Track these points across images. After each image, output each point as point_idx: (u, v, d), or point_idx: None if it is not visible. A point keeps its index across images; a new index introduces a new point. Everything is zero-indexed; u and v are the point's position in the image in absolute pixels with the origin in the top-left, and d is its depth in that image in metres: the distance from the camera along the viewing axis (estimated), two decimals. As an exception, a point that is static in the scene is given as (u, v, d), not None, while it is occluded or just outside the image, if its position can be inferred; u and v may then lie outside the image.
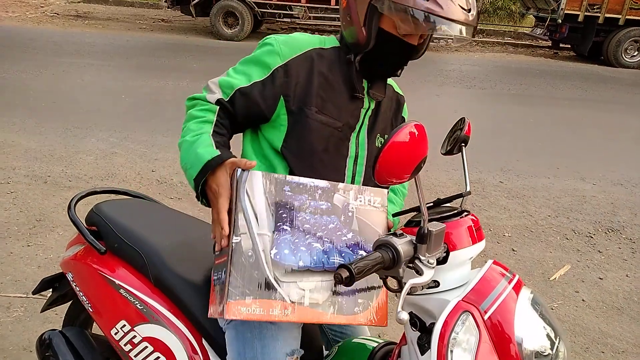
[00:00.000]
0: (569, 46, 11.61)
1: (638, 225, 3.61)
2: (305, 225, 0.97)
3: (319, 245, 0.97)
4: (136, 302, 1.27)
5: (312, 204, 0.98)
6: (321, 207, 0.98)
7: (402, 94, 1.39)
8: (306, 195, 0.97)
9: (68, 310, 1.67)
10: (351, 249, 1.00)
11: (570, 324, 2.51)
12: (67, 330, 1.52)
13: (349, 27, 1.16)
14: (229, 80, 1.14)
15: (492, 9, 15.16)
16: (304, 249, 0.96)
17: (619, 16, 9.88)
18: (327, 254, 0.97)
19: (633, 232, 3.51)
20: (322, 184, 0.99)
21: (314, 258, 0.96)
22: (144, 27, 10.64)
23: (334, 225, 0.99)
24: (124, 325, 1.27)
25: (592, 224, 3.59)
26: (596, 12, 9.95)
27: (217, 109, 1.12)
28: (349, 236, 1.00)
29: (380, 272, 0.94)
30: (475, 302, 0.93)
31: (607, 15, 9.90)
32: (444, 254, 0.95)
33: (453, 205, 1.10)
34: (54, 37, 8.51)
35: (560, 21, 10.26)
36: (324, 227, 0.98)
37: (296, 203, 0.96)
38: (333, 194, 1.00)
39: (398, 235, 0.91)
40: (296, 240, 0.96)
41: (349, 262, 0.84)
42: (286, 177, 0.97)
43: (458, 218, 1.00)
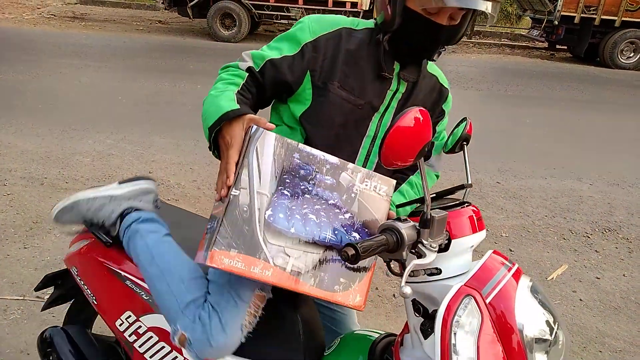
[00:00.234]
0: (566, 47, 11.66)
1: (634, 225, 3.63)
2: (306, 195, 0.97)
3: (314, 217, 0.97)
4: (142, 293, 1.27)
5: (317, 176, 0.98)
6: (326, 181, 0.98)
7: (447, 87, 1.36)
8: (314, 167, 0.97)
9: (69, 310, 1.67)
10: (345, 228, 1.00)
11: (568, 324, 2.52)
12: (68, 327, 1.52)
13: (380, 10, 1.18)
14: (261, 52, 1.19)
15: (488, 10, 15.20)
16: (298, 217, 0.96)
17: (615, 18, 9.93)
18: (320, 227, 0.98)
19: (630, 232, 3.52)
20: (333, 159, 0.99)
21: (307, 229, 0.97)
22: (141, 29, 10.64)
23: (333, 202, 0.99)
24: (129, 316, 1.27)
25: (589, 224, 3.61)
26: (592, 14, 10.00)
27: (247, 75, 1.16)
28: (346, 216, 1.00)
29: (384, 255, 0.96)
30: (477, 287, 0.96)
31: (603, 17, 9.95)
32: (446, 241, 0.98)
33: (455, 197, 1.13)
34: (50, 39, 8.50)
35: (556, 23, 10.32)
36: (324, 201, 0.98)
37: (302, 172, 0.96)
38: (341, 172, 0.99)
39: (402, 220, 0.94)
40: (293, 207, 0.96)
41: (355, 242, 0.85)
42: (299, 144, 0.97)
43: (460, 208, 1.03)
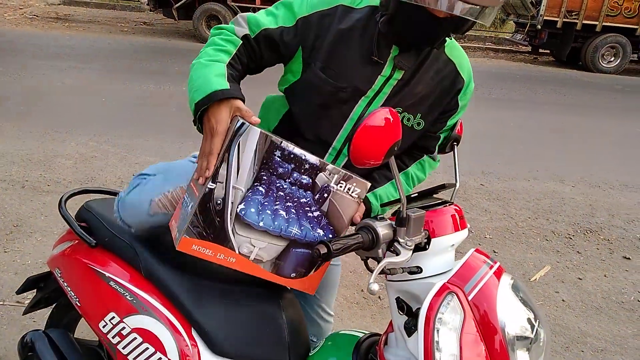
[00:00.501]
0: (549, 51, 11.84)
1: (615, 226, 3.69)
2: (279, 193, 1.00)
3: (284, 213, 1.01)
4: (126, 294, 1.25)
5: (294, 175, 1.00)
6: (302, 180, 1.00)
7: (464, 77, 1.26)
8: (293, 165, 0.99)
9: (51, 314, 1.64)
10: (311, 225, 1.04)
11: (550, 324, 2.54)
12: (50, 331, 1.48)
13: None
14: (258, 18, 1.16)
15: (473, 14, 15.36)
16: (269, 212, 1.00)
17: (596, 23, 10.11)
18: (288, 223, 1.02)
19: (610, 233, 3.58)
20: (313, 159, 1.00)
21: (275, 223, 1.01)
22: (125, 30, 10.53)
23: (305, 201, 1.02)
24: (113, 317, 1.25)
25: (571, 225, 3.66)
26: (574, 19, 10.17)
27: (240, 43, 1.13)
28: (315, 214, 1.04)
29: (361, 253, 0.99)
30: (459, 284, 0.97)
31: (584, 22, 10.13)
32: (425, 240, 0.99)
33: (440, 197, 1.14)
34: (33, 40, 8.37)
35: (539, 27, 10.47)
36: (296, 199, 1.02)
37: (280, 170, 0.98)
38: (319, 172, 1.01)
39: (379, 219, 0.96)
40: (265, 203, 0.99)
41: (328, 239, 0.90)
42: (282, 142, 0.97)
43: (441, 207, 1.04)
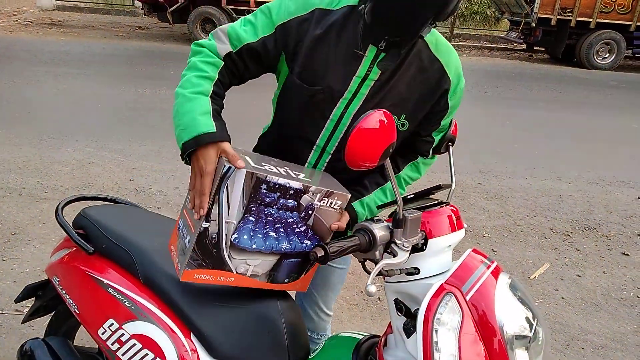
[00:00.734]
0: (543, 49, 11.88)
1: (613, 222, 3.70)
2: (268, 218, 1.08)
3: (273, 234, 1.10)
4: (124, 300, 1.25)
5: (281, 201, 1.06)
6: (287, 204, 1.07)
7: (451, 76, 1.24)
8: (278, 194, 1.05)
9: (50, 322, 1.63)
10: (299, 238, 1.12)
11: (550, 322, 2.55)
12: (50, 339, 1.47)
13: None
14: (238, 32, 1.14)
15: (467, 13, 15.43)
16: (260, 236, 1.09)
17: (590, 19, 10.16)
18: (278, 240, 1.10)
19: (609, 230, 3.59)
20: (296, 185, 1.05)
21: (267, 243, 1.10)
22: (120, 35, 10.52)
23: (292, 220, 1.10)
24: (112, 324, 1.25)
25: (569, 222, 3.67)
26: (568, 16, 10.21)
27: (222, 65, 1.12)
28: (302, 229, 1.12)
29: (359, 255, 1.00)
30: (456, 284, 0.97)
31: (578, 19, 10.17)
32: (422, 241, 0.99)
33: (436, 197, 1.14)
34: (27, 46, 8.35)
35: (534, 25, 10.51)
36: (284, 220, 1.09)
37: (267, 199, 1.05)
38: (303, 194, 1.07)
39: (375, 221, 0.97)
40: (256, 229, 1.08)
41: (325, 243, 0.93)
42: (267, 176, 1.01)
43: (437, 208, 1.04)
